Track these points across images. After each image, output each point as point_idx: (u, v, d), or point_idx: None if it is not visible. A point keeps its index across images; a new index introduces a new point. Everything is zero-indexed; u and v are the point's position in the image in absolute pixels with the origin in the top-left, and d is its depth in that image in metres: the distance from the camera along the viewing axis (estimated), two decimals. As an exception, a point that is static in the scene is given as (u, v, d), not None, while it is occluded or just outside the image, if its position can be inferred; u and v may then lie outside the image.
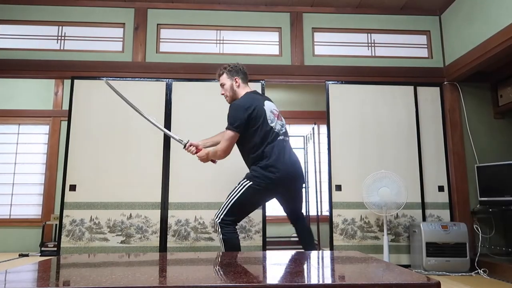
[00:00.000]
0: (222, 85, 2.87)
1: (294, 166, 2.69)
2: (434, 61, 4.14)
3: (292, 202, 2.83)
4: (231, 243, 2.57)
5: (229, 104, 2.76)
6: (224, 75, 2.85)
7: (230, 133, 2.64)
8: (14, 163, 5.32)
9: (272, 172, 2.57)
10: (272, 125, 2.67)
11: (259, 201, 2.80)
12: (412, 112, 4.00)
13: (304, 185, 2.80)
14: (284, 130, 2.76)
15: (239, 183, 2.67)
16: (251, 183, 2.60)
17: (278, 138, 2.68)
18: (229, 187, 3.69)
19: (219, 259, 1.76)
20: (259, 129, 2.64)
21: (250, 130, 2.65)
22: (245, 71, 2.89)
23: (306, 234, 2.86)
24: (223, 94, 2.89)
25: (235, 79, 2.82)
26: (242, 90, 2.82)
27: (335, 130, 3.91)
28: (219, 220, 2.60)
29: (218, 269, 1.46)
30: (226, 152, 2.70)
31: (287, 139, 2.77)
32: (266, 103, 2.76)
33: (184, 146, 2.89)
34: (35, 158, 5.34)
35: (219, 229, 2.58)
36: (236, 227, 2.67)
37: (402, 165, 3.89)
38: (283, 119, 2.82)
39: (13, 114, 5.36)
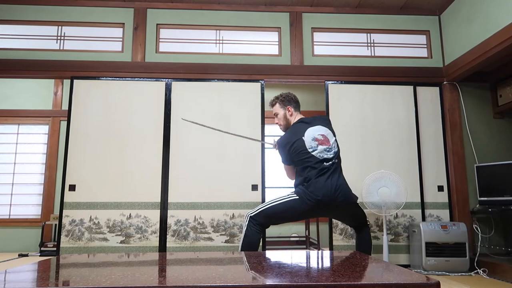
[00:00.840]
0: (275, 115, 3.01)
1: (337, 190, 2.69)
2: (434, 61, 4.14)
3: (346, 220, 3.03)
4: (251, 241, 2.67)
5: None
6: (277, 105, 2.99)
7: (284, 165, 2.95)
8: (14, 163, 5.31)
9: (314, 194, 2.65)
10: (313, 153, 2.74)
11: (295, 215, 2.80)
12: (412, 112, 4.00)
13: (352, 203, 2.84)
14: (329, 155, 2.77)
15: (287, 194, 2.78)
16: (298, 197, 2.70)
17: (322, 164, 2.72)
18: (229, 187, 3.72)
19: (219, 259, 1.76)
20: (300, 158, 2.76)
21: (294, 159, 2.82)
22: (297, 99, 3.03)
23: (362, 244, 2.96)
24: (277, 123, 3.02)
25: (288, 108, 2.96)
26: (294, 118, 2.95)
27: (335, 130, 3.90)
28: (252, 214, 2.74)
29: (218, 269, 1.46)
30: (288, 176, 2.99)
31: (334, 162, 2.78)
32: (309, 131, 2.81)
33: (274, 147, 3.04)
34: (35, 158, 5.33)
35: (246, 222, 2.72)
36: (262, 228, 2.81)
37: (401, 165, 3.89)
38: (331, 142, 2.82)
39: (13, 114, 5.36)
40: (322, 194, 2.64)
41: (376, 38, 4.18)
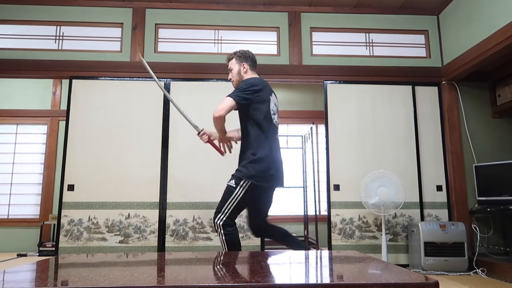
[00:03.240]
0: (230, 70, 2.87)
1: (282, 166, 2.68)
2: (432, 61, 4.15)
3: (264, 208, 2.79)
4: (234, 243, 2.55)
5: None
6: (233, 60, 2.85)
7: (229, 99, 2.55)
8: (12, 163, 5.30)
9: (268, 171, 2.56)
10: (273, 116, 2.69)
11: (260, 200, 2.71)
12: (410, 111, 4.00)
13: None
14: (277, 128, 2.77)
15: (239, 184, 2.56)
16: (250, 182, 2.53)
17: (276, 135, 2.69)
18: (228, 186, 3.72)
19: (217, 259, 1.76)
20: (262, 115, 2.62)
21: (253, 111, 2.61)
22: (255, 58, 2.90)
23: (280, 232, 2.80)
24: (230, 79, 2.88)
25: (243, 65, 2.82)
26: (250, 76, 2.80)
27: (333, 129, 3.92)
28: (221, 222, 2.52)
29: (217, 268, 1.46)
30: (219, 112, 2.54)
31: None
32: (273, 95, 2.77)
33: (198, 133, 2.89)
34: (33, 158, 5.32)
35: (221, 231, 2.52)
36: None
37: (400, 164, 3.90)
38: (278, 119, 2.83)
39: (11, 114, 5.35)
40: (276, 169, 2.59)
41: (375, 38, 4.19)
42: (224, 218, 2.53)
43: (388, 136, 3.94)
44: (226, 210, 2.54)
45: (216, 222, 2.54)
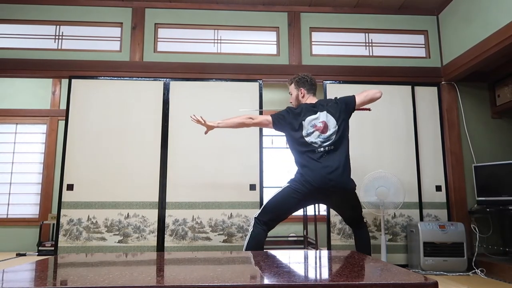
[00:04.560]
0: (290, 94, 3.07)
1: (330, 173, 2.66)
2: (432, 61, 4.15)
3: (340, 210, 2.93)
4: (256, 241, 2.68)
5: None
6: (292, 85, 3.03)
7: (268, 117, 2.88)
8: (12, 163, 5.30)
9: (305, 178, 2.67)
10: (306, 138, 2.75)
11: (293, 204, 2.75)
12: (410, 111, 4.01)
13: (346, 189, 2.75)
14: (324, 142, 2.74)
15: (283, 186, 2.78)
16: (289, 184, 2.73)
17: (316, 149, 2.72)
18: (227, 187, 3.72)
19: (217, 259, 1.76)
20: (294, 140, 2.79)
21: (289, 138, 2.85)
22: (313, 82, 3.03)
23: (360, 243, 2.91)
24: (291, 102, 3.08)
25: (301, 90, 2.99)
26: (305, 101, 2.97)
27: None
28: (256, 215, 2.75)
29: (216, 268, 1.46)
30: (252, 121, 2.87)
31: (331, 146, 2.74)
32: (311, 117, 2.81)
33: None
34: (33, 157, 5.32)
35: (252, 223, 2.74)
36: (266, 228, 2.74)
37: (399, 164, 3.90)
38: (330, 130, 2.78)
39: (11, 113, 5.35)
40: (313, 177, 2.64)
41: (374, 38, 4.19)
42: (258, 214, 2.75)
43: (387, 136, 3.95)
44: (262, 206, 2.80)
45: (253, 216, 2.78)
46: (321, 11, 4.16)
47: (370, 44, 4.17)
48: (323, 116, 2.82)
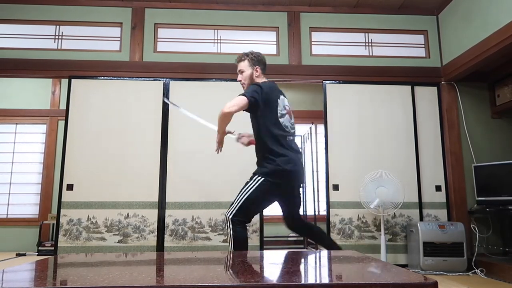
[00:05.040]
0: (241, 72, 2.76)
1: (301, 164, 2.61)
2: (432, 61, 4.15)
3: (291, 205, 2.74)
4: (240, 241, 2.48)
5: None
6: (246, 62, 2.73)
7: (241, 97, 2.50)
8: (12, 163, 5.30)
9: (283, 165, 2.49)
10: (281, 119, 2.59)
11: (271, 198, 2.64)
12: (410, 111, 4.01)
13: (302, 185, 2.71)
14: (293, 129, 2.69)
15: (252, 180, 2.55)
16: (263, 178, 2.51)
17: (288, 134, 2.60)
18: (227, 187, 3.72)
19: (217, 259, 1.76)
20: (273, 116, 2.55)
21: (263, 116, 2.56)
22: (265, 61, 2.79)
23: (321, 237, 2.82)
24: (240, 80, 2.77)
25: (256, 69, 2.73)
26: (260, 80, 2.72)
27: (333, 129, 3.92)
28: (231, 216, 2.48)
29: (216, 268, 1.46)
30: (230, 108, 2.47)
31: (294, 137, 2.69)
32: (282, 97, 2.69)
33: (237, 139, 2.84)
34: (33, 157, 5.32)
35: (229, 225, 2.47)
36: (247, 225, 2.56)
37: (399, 164, 3.90)
38: (293, 118, 2.73)
39: (11, 113, 5.35)
40: (291, 165, 2.50)
41: (374, 38, 4.19)
42: (232, 215, 2.48)
43: (387, 136, 3.95)
44: (235, 205, 2.52)
45: (226, 215, 2.51)
46: (321, 11, 4.16)
47: (370, 44, 4.17)
48: (286, 100, 2.73)
